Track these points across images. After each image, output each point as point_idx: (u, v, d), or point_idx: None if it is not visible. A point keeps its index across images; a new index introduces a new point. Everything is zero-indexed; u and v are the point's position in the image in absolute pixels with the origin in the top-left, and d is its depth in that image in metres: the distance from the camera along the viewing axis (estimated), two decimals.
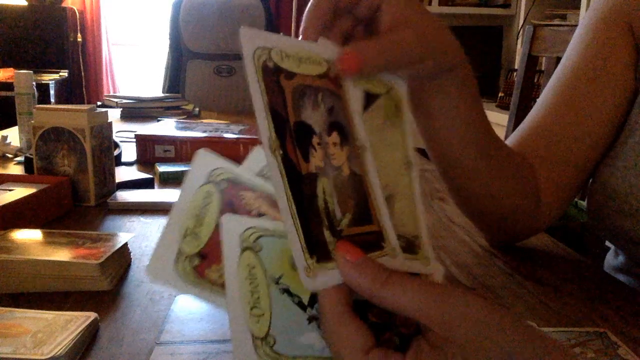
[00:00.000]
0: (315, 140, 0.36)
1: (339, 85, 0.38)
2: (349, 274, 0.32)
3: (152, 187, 0.95)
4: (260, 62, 0.35)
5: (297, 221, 0.33)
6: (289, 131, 0.34)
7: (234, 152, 1.14)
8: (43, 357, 0.41)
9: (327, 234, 0.34)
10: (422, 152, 0.66)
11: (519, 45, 2.88)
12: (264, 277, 0.35)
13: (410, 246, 0.38)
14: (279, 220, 0.35)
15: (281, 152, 0.33)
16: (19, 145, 1.19)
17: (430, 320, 0.31)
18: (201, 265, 0.37)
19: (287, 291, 0.35)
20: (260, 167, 0.40)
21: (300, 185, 0.34)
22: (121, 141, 1.22)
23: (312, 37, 0.41)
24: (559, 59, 1.12)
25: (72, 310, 0.49)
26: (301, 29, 0.42)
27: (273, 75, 0.35)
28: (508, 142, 0.70)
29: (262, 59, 0.35)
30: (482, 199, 0.63)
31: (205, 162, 0.39)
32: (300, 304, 0.35)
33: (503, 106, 2.63)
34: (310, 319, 0.35)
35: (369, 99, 0.40)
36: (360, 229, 0.36)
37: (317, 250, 0.33)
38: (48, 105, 0.90)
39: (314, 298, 0.35)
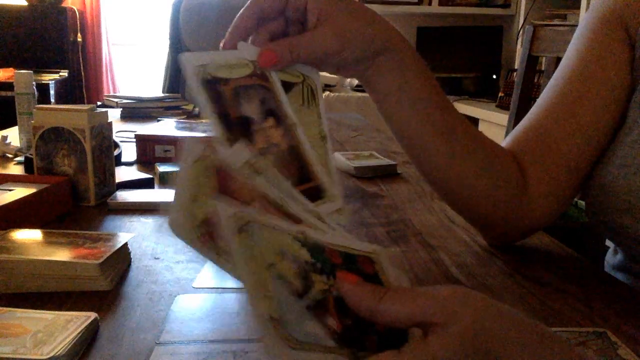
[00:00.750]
0: (255, 127, 0.45)
1: (267, 79, 0.48)
2: (351, 293, 0.34)
3: (152, 187, 0.95)
4: (200, 78, 0.44)
5: None
6: (233, 125, 0.44)
7: None
8: (43, 357, 0.41)
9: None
10: None
11: (519, 45, 2.88)
12: (262, 260, 0.34)
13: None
14: (267, 214, 0.36)
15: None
16: (19, 145, 1.19)
17: (436, 316, 0.32)
18: (210, 232, 0.36)
19: (281, 277, 0.34)
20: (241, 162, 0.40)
21: None
22: (121, 141, 1.22)
23: (229, 46, 0.50)
24: (559, 59, 1.12)
25: (72, 310, 0.49)
26: (222, 41, 0.51)
27: (212, 85, 0.44)
28: (505, 142, 0.70)
29: (201, 75, 0.44)
30: (453, 184, 0.64)
31: (194, 145, 0.38)
32: (295, 292, 0.34)
33: (503, 106, 2.63)
34: (308, 308, 0.34)
35: (287, 86, 0.49)
36: (304, 186, 0.46)
37: None
38: (48, 105, 0.90)
39: (306, 286, 0.34)
